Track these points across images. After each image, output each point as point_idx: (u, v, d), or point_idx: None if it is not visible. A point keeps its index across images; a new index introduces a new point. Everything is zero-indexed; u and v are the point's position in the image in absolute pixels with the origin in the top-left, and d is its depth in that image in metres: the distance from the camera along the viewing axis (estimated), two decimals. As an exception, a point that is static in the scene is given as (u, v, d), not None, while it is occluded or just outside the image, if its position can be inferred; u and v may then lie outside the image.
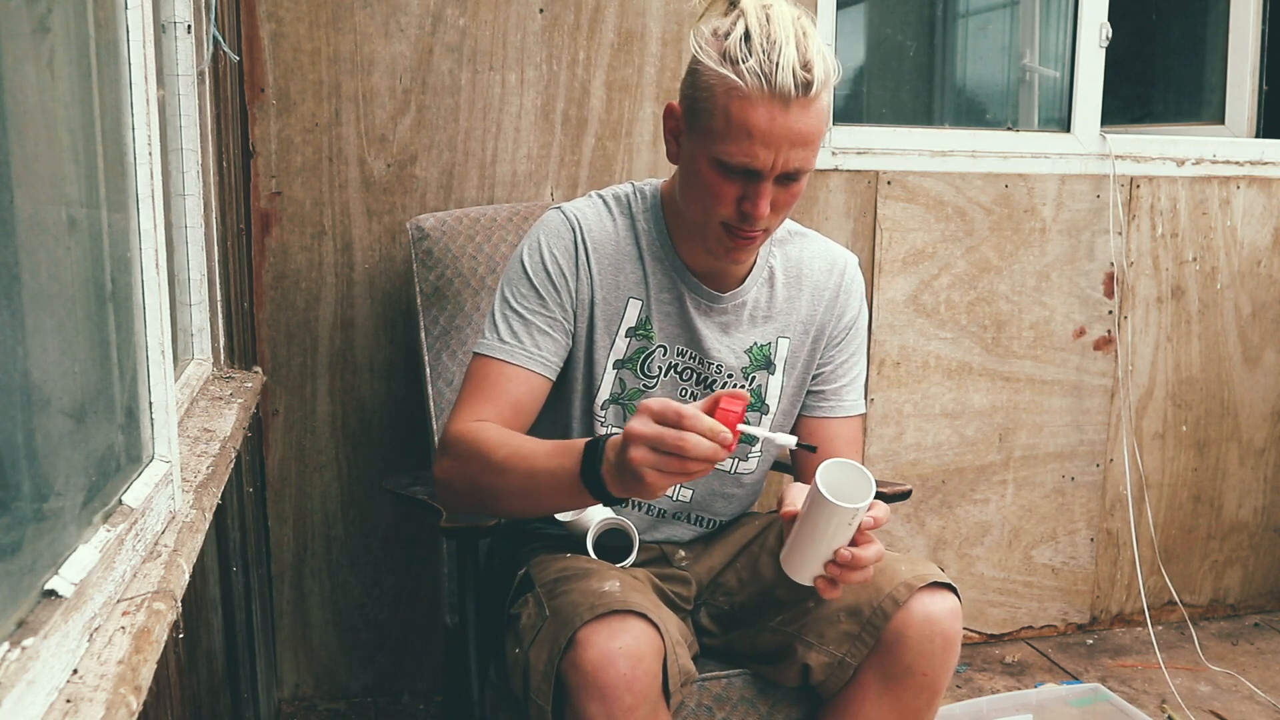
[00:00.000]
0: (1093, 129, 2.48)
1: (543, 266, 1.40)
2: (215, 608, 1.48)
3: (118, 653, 0.80)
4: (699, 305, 1.45)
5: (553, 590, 1.33)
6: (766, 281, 1.48)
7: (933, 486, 2.50)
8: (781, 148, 1.24)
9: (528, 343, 1.38)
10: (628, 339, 1.44)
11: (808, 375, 1.51)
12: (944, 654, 1.32)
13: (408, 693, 2.27)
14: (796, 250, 1.51)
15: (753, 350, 1.48)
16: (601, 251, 1.42)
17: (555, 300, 1.40)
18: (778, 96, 1.22)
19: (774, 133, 1.23)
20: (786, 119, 1.23)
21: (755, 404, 1.49)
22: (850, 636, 1.34)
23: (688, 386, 1.47)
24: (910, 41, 3.07)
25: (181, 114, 1.56)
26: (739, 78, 1.22)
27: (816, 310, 1.50)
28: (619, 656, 1.18)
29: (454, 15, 2.07)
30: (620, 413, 1.46)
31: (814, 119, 1.25)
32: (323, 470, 2.15)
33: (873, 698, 1.34)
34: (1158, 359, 2.60)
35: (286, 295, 2.08)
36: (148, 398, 1.09)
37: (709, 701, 1.41)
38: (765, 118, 1.23)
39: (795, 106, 1.23)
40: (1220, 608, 2.78)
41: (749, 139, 1.24)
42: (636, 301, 1.44)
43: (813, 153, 1.28)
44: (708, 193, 1.29)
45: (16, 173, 0.80)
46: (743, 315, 1.47)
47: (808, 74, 1.22)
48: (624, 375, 1.45)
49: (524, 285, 1.40)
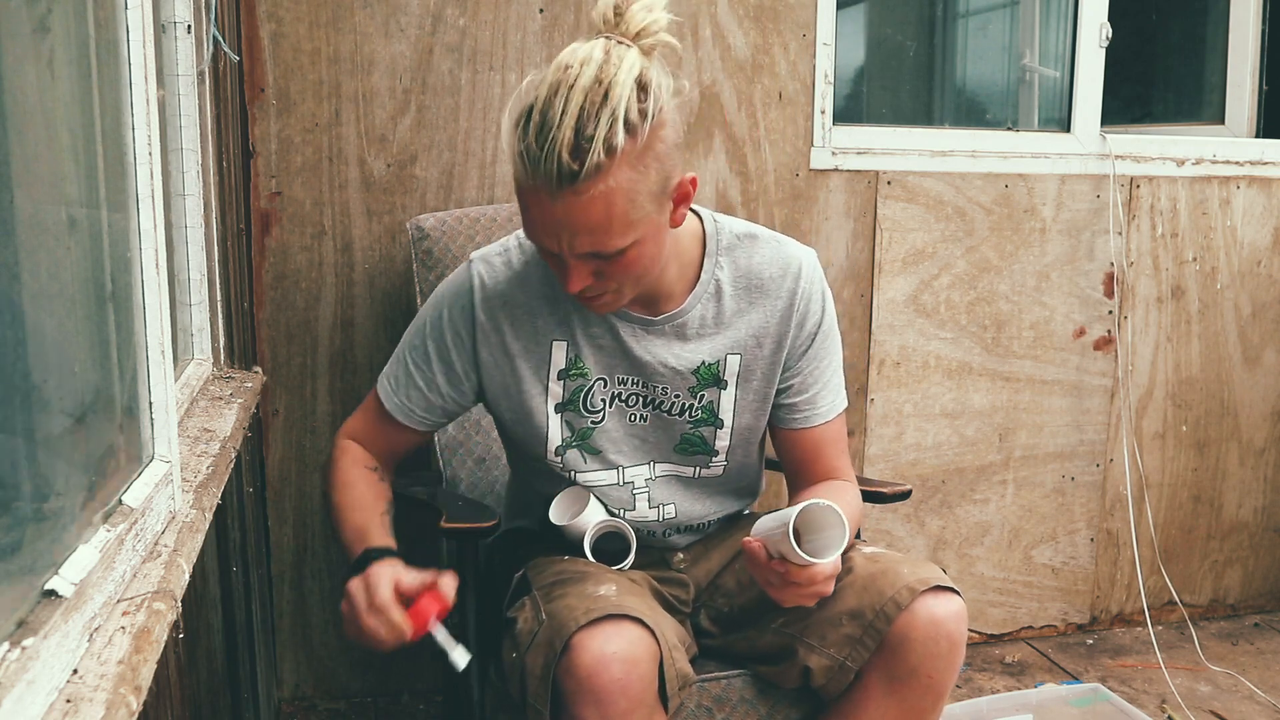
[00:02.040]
0: (1093, 129, 2.48)
1: (439, 332, 1.41)
2: (215, 608, 1.48)
3: (118, 653, 0.80)
4: (633, 332, 1.39)
5: (549, 594, 1.33)
6: (712, 296, 1.40)
7: (933, 486, 2.50)
8: (561, 236, 1.18)
9: (403, 396, 1.44)
10: (561, 381, 1.41)
11: (770, 388, 1.44)
12: (949, 656, 1.31)
13: (408, 693, 2.27)
14: (746, 257, 1.41)
15: (700, 370, 1.41)
16: (512, 303, 1.39)
17: (443, 367, 1.42)
18: (542, 186, 1.14)
19: (547, 222, 1.17)
20: (554, 209, 1.15)
21: (709, 419, 1.43)
22: (852, 640, 1.33)
23: (637, 412, 1.43)
24: (910, 41, 3.07)
25: (181, 114, 1.56)
26: (512, 160, 1.17)
27: (770, 321, 1.41)
28: (613, 661, 1.17)
29: (454, 15, 2.07)
30: (579, 456, 1.44)
31: (592, 207, 1.15)
32: (323, 470, 2.15)
33: (877, 700, 1.34)
34: (1158, 359, 2.60)
35: (286, 295, 2.08)
36: (148, 398, 1.09)
37: (708, 702, 1.41)
38: (536, 206, 1.17)
39: (564, 196, 1.14)
40: (1220, 608, 2.78)
41: (532, 223, 1.20)
42: (560, 343, 1.39)
43: (609, 235, 1.17)
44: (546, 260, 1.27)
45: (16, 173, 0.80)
46: (686, 333, 1.40)
47: (575, 164, 1.12)
48: (568, 418, 1.42)
49: (419, 340, 1.44)
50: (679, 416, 1.43)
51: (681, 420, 1.44)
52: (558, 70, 1.14)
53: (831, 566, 1.22)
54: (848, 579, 1.36)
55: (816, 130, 2.29)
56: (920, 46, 3.08)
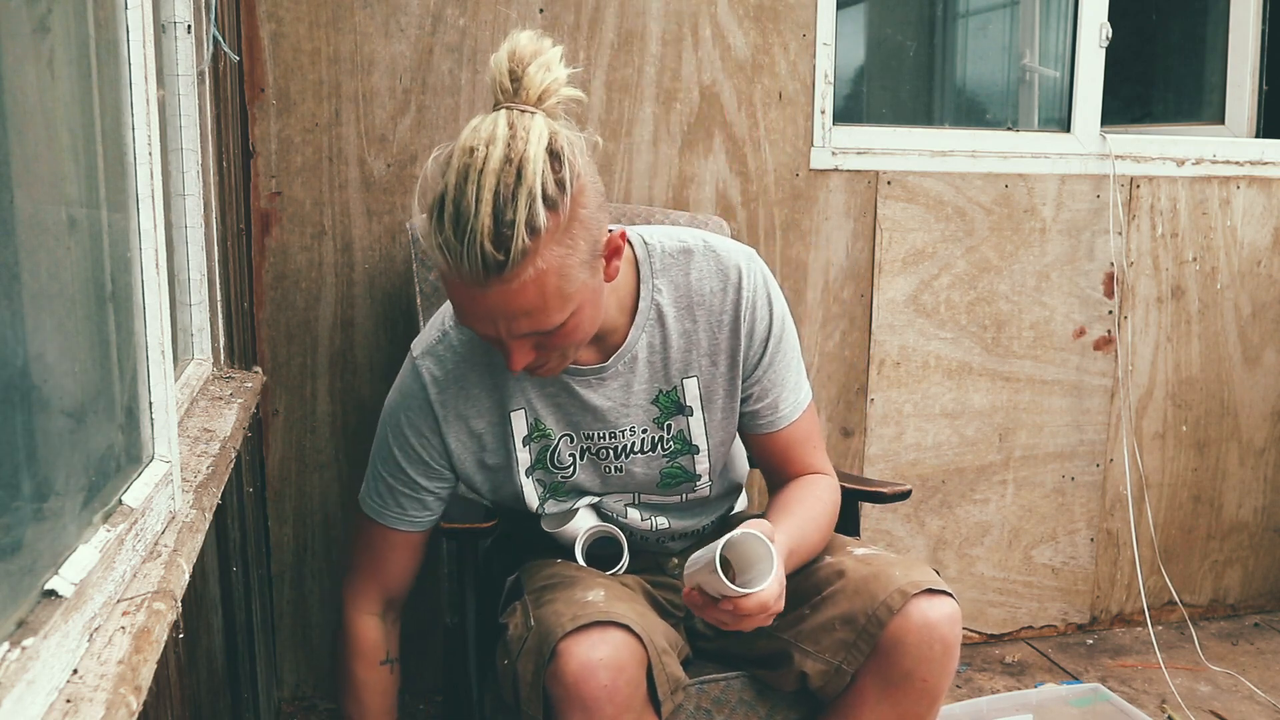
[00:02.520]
0: (1093, 129, 2.48)
1: (403, 438, 1.40)
2: (215, 608, 1.48)
3: (118, 653, 0.80)
4: (587, 383, 1.37)
5: (539, 599, 1.33)
6: (656, 322, 1.36)
7: (933, 486, 2.50)
8: (498, 321, 1.14)
9: (392, 505, 1.44)
10: (526, 447, 1.40)
11: (734, 402, 1.42)
12: (943, 660, 1.31)
13: (408, 693, 2.27)
14: (683, 274, 1.37)
15: (659, 399, 1.39)
16: (465, 385, 1.37)
17: (419, 468, 1.41)
18: (469, 278, 1.10)
19: (479, 311, 1.14)
20: (487, 299, 1.11)
21: (684, 448, 1.42)
22: (846, 645, 1.33)
23: (611, 464, 1.43)
24: (910, 41, 3.07)
25: (181, 114, 1.56)
26: (430, 251, 1.12)
27: (720, 337, 1.37)
28: (599, 668, 1.17)
29: (454, 15, 2.07)
30: (556, 503, 1.46)
31: (524, 291, 1.11)
32: (323, 470, 2.15)
33: (871, 704, 1.34)
34: (1158, 359, 2.60)
35: (286, 295, 2.08)
36: (148, 398, 1.09)
37: (707, 704, 1.41)
38: (466, 297, 1.13)
39: (492, 286, 1.10)
40: (1220, 608, 2.78)
41: (464, 314, 1.17)
42: (518, 411, 1.38)
43: (545, 315, 1.14)
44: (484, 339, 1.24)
45: (16, 173, 0.80)
46: (638, 369, 1.37)
47: (499, 254, 1.07)
48: (539, 477, 1.43)
49: (386, 451, 1.43)
50: (652, 453, 1.43)
51: (656, 456, 1.43)
52: (464, 154, 1.09)
53: (777, 585, 1.18)
54: (840, 582, 1.36)
55: (816, 130, 2.29)
56: (920, 46, 3.08)
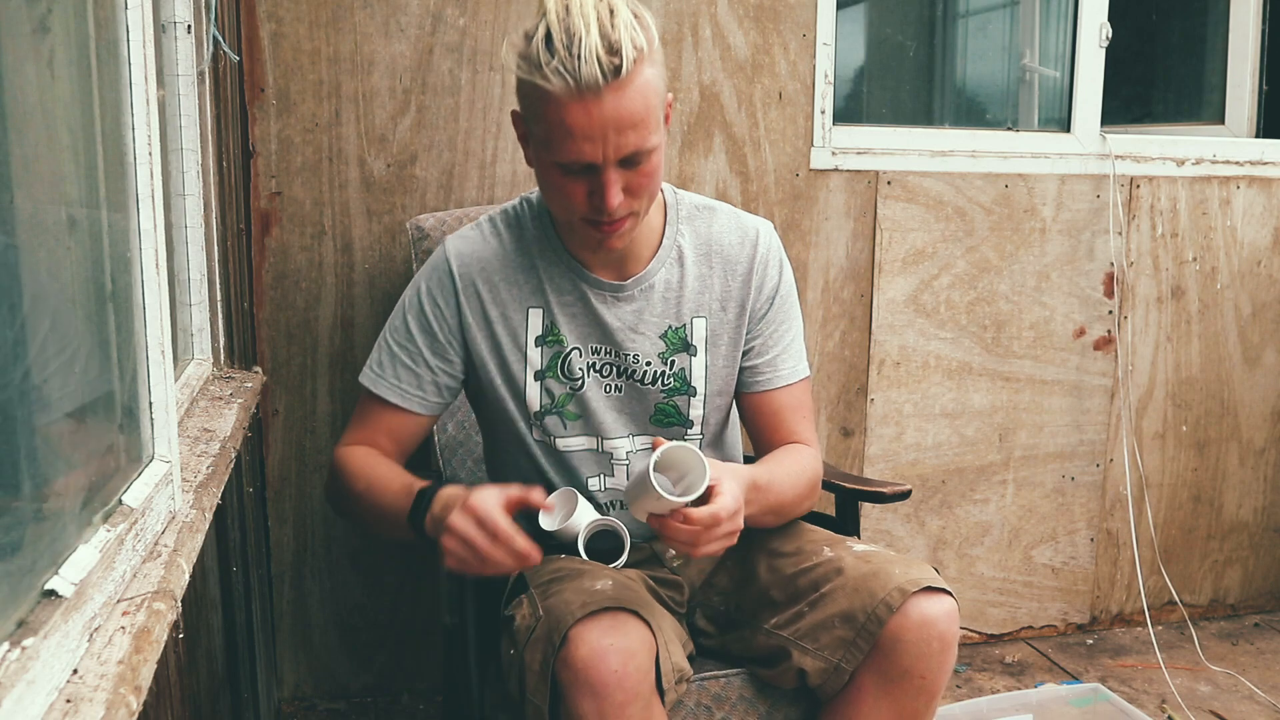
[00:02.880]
0: (1093, 129, 2.48)
1: (418, 306, 1.45)
2: (215, 608, 1.48)
3: (118, 653, 0.80)
4: (603, 299, 1.44)
5: (546, 591, 1.33)
6: (676, 261, 1.46)
7: (933, 486, 2.50)
8: (608, 138, 1.23)
9: (389, 375, 1.45)
10: (539, 348, 1.44)
11: (736, 352, 1.48)
12: (941, 656, 1.31)
13: (408, 693, 2.27)
14: (705, 225, 1.48)
15: (668, 334, 1.46)
16: (487, 274, 1.44)
17: (426, 335, 1.44)
18: (587, 90, 1.20)
19: (593, 126, 1.22)
20: (602, 110, 1.21)
21: (682, 387, 1.47)
22: (845, 643, 1.33)
23: (611, 382, 1.46)
24: (910, 41, 3.07)
25: (181, 114, 1.56)
26: (545, 81, 1.21)
27: (732, 285, 1.46)
28: (610, 653, 1.18)
29: (454, 15, 2.07)
30: (558, 422, 1.46)
31: (636, 99, 1.22)
32: (323, 470, 2.15)
33: (870, 700, 1.34)
34: (1158, 359, 2.60)
35: (286, 295, 2.08)
36: (148, 398, 1.09)
37: (708, 701, 1.41)
38: (581, 114, 1.21)
39: (609, 94, 1.20)
40: (1220, 608, 2.78)
41: (573, 139, 1.23)
42: (536, 310, 1.44)
43: (647, 132, 1.25)
44: (560, 194, 1.30)
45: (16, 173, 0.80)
46: (653, 298, 1.45)
47: (614, 58, 1.19)
48: (548, 384, 1.45)
49: (398, 320, 1.46)
50: (652, 385, 1.46)
51: (654, 390, 1.46)
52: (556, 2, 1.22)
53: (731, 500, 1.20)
54: (839, 579, 1.36)
55: (816, 130, 2.29)
56: (920, 46, 3.08)
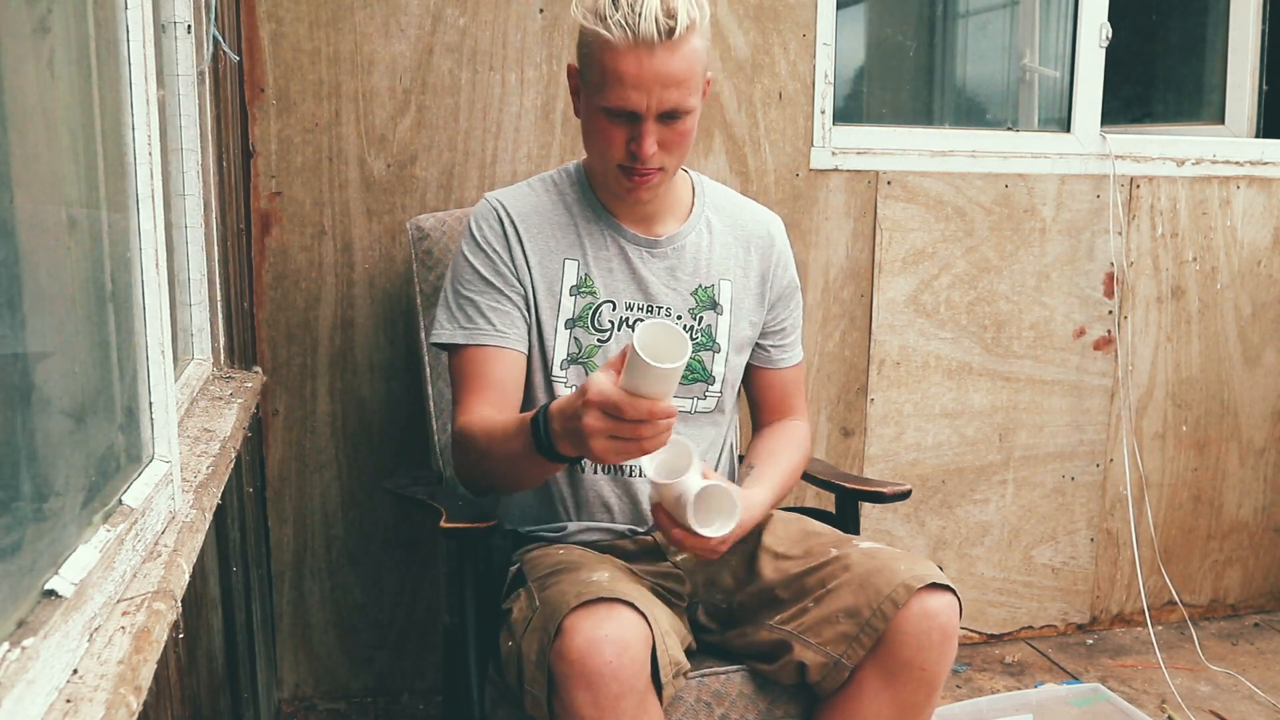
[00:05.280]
0: (1093, 129, 2.48)
1: (480, 249, 1.51)
2: (215, 608, 1.48)
3: (118, 653, 0.80)
4: (640, 254, 1.53)
5: (544, 583, 1.34)
6: (705, 228, 1.58)
7: (933, 486, 2.50)
8: (653, 90, 1.35)
9: (482, 323, 1.48)
10: (573, 298, 1.51)
11: (757, 318, 1.60)
12: (942, 647, 1.33)
13: (408, 693, 2.27)
14: (729, 205, 1.63)
15: (698, 292, 1.56)
16: (528, 222, 1.53)
17: (498, 275, 1.50)
18: (643, 44, 1.33)
19: (643, 76, 1.35)
20: (653, 63, 1.34)
21: (707, 342, 1.56)
22: (848, 638, 1.34)
23: None
24: (910, 41, 3.06)
25: (181, 114, 1.56)
26: (607, 31, 1.34)
27: (753, 258, 1.60)
28: (605, 644, 1.18)
29: (454, 15, 2.07)
30: (580, 372, 1.51)
31: (683, 61, 1.35)
32: (323, 470, 2.15)
33: (872, 694, 1.35)
34: (1158, 359, 2.60)
35: (286, 295, 2.08)
36: (148, 398, 1.09)
37: (708, 697, 1.42)
38: (634, 64, 1.34)
39: (661, 51, 1.34)
40: (1220, 608, 2.78)
41: (621, 85, 1.36)
42: (572, 261, 1.52)
43: (688, 92, 1.38)
44: (600, 139, 1.42)
45: (16, 173, 0.80)
46: (685, 258, 1.55)
47: (670, 20, 1.33)
48: (577, 334, 1.52)
49: (467, 271, 1.51)
50: None
51: None
52: None
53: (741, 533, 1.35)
54: (844, 575, 1.37)
55: (816, 130, 2.29)
56: (920, 46, 3.08)
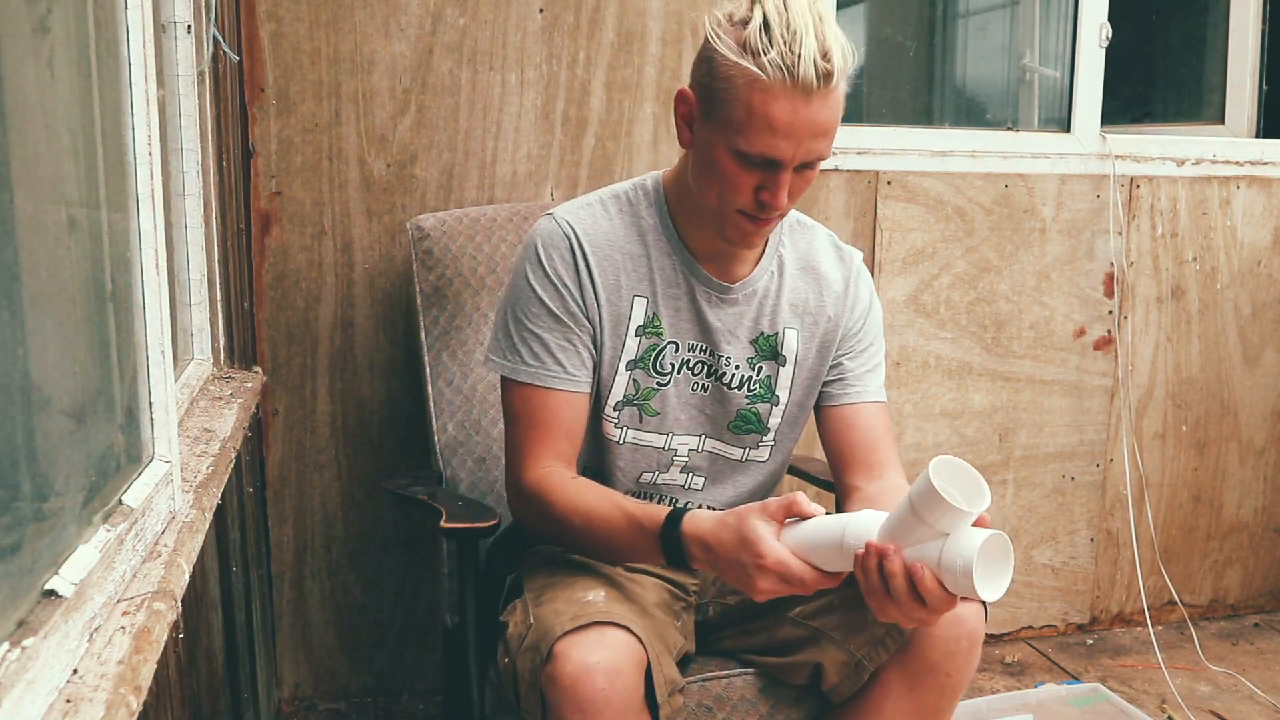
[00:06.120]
0: (1093, 129, 2.48)
1: (549, 281, 1.38)
2: (215, 608, 1.48)
3: (118, 653, 0.80)
4: (709, 298, 1.42)
5: (539, 597, 1.32)
6: (777, 270, 1.46)
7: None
8: (803, 139, 1.24)
9: (550, 363, 1.37)
10: (638, 338, 1.41)
11: (822, 367, 1.47)
12: (968, 655, 1.31)
13: (408, 693, 2.27)
14: (805, 242, 1.50)
15: (759, 340, 1.45)
16: (600, 253, 1.40)
17: (568, 313, 1.38)
18: (799, 89, 1.21)
19: (796, 125, 1.23)
20: (808, 111, 1.22)
21: (766, 394, 1.46)
22: (875, 640, 1.31)
23: (699, 380, 1.45)
24: (910, 41, 3.06)
25: (181, 114, 1.56)
26: (760, 70, 1.21)
27: (826, 301, 1.47)
28: (597, 670, 1.16)
29: (454, 15, 2.07)
30: (635, 414, 1.44)
31: (833, 108, 1.25)
32: (323, 470, 2.15)
33: (895, 697, 1.33)
34: (1158, 359, 2.60)
35: (286, 295, 2.08)
36: (148, 398, 1.09)
37: (709, 701, 1.41)
38: (787, 110, 1.22)
39: (816, 98, 1.22)
40: (1220, 608, 2.78)
41: (771, 132, 1.23)
42: (642, 299, 1.41)
43: (830, 140, 1.28)
44: (725, 182, 1.28)
45: (16, 173, 0.80)
46: (752, 304, 1.44)
47: (828, 64, 1.21)
48: (636, 375, 1.42)
49: (534, 304, 1.38)
50: (738, 390, 1.45)
51: (739, 394, 1.45)
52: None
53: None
54: None
55: (816, 130, 2.29)
56: (920, 46, 3.08)
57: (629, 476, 1.47)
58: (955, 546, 1.05)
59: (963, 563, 1.03)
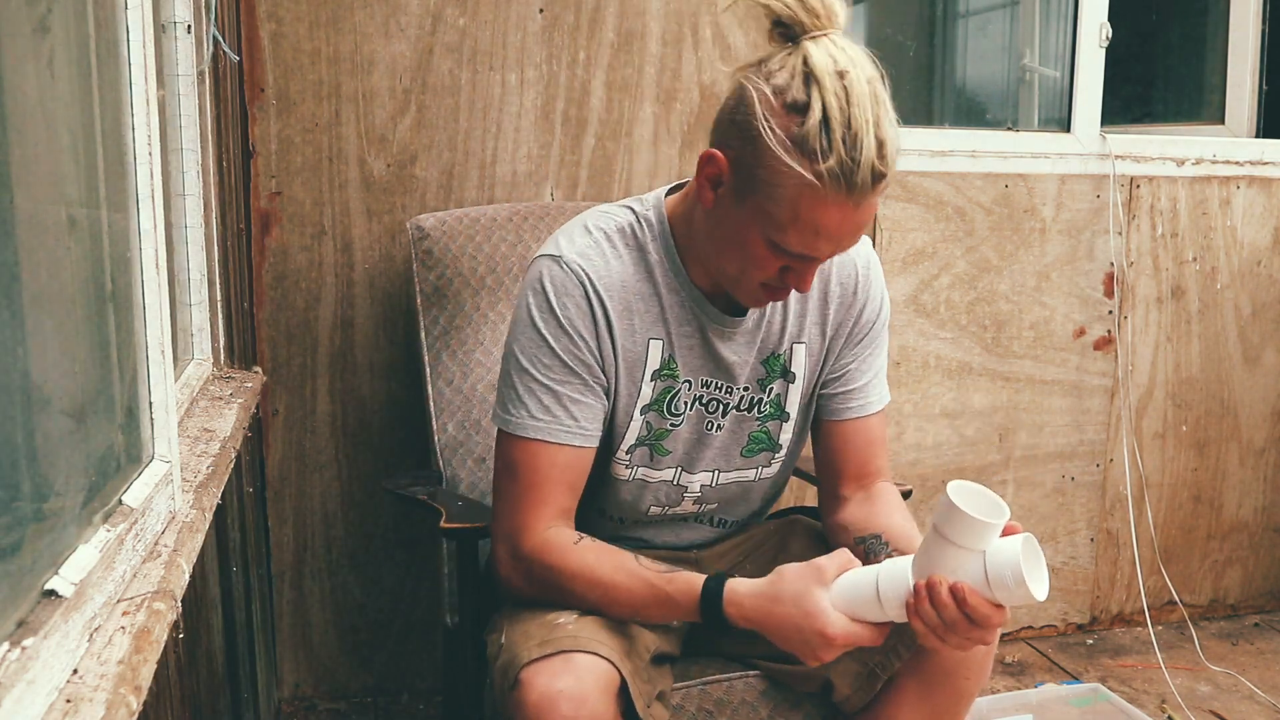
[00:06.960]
0: (1093, 129, 2.48)
1: (563, 331, 1.28)
2: (215, 608, 1.48)
3: (118, 653, 0.80)
4: (720, 333, 1.36)
5: (514, 615, 1.29)
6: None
7: (933, 487, 2.50)
8: (843, 241, 1.19)
9: (563, 417, 1.28)
10: (653, 383, 1.35)
11: (819, 373, 1.43)
12: (983, 660, 1.31)
13: (408, 693, 2.27)
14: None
15: (769, 361, 1.40)
16: (615, 298, 1.31)
17: (583, 365, 1.29)
18: (853, 197, 1.13)
19: (843, 230, 1.17)
20: (856, 215, 1.16)
21: (777, 413, 1.42)
22: (887, 648, 1.29)
23: (714, 419, 1.41)
24: (910, 41, 3.06)
25: (181, 114, 1.56)
26: (816, 178, 1.12)
27: (829, 311, 1.41)
28: (561, 700, 1.13)
29: (454, 15, 2.07)
30: (647, 453, 1.40)
31: (876, 203, 1.18)
32: (323, 470, 2.15)
33: (909, 705, 1.33)
34: (1158, 359, 2.60)
35: (286, 295, 2.08)
36: (148, 398, 1.09)
37: (709, 706, 1.41)
38: (837, 218, 1.15)
39: (865, 199, 1.15)
40: (1220, 608, 2.78)
41: (816, 236, 1.16)
42: (657, 342, 1.34)
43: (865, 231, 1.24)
44: (751, 261, 1.22)
45: (16, 173, 0.80)
46: (761, 327, 1.39)
47: (883, 165, 1.13)
48: (650, 418, 1.37)
49: (546, 355, 1.28)
50: (749, 413, 1.42)
51: (751, 418, 1.42)
52: (835, 78, 1.12)
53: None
54: None
55: (816, 130, 2.29)
56: (920, 46, 3.08)
57: (636, 510, 1.45)
58: (997, 558, 1.08)
59: (1011, 571, 1.07)
